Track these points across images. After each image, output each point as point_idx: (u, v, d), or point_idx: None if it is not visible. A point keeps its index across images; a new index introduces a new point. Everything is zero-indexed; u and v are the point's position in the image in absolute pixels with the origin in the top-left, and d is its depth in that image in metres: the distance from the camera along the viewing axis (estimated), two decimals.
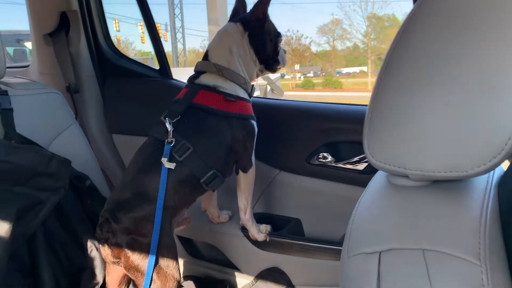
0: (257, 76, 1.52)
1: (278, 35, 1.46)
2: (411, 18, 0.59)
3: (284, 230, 1.59)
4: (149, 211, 1.21)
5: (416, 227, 0.54)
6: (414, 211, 0.57)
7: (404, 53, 0.58)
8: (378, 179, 0.73)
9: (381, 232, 0.56)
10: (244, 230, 1.57)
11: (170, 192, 1.23)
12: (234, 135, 1.34)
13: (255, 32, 1.40)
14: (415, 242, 0.51)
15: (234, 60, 1.39)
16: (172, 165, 1.22)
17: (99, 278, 1.39)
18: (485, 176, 0.64)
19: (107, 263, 1.32)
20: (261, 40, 1.43)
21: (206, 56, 1.42)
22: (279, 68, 1.51)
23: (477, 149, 0.51)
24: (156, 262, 1.19)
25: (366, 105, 1.59)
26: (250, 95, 1.44)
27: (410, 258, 0.49)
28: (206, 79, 1.36)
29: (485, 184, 0.62)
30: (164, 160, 1.22)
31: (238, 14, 1.49)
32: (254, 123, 1.40)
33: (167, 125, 1.26)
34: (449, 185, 0.61)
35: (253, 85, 1.46)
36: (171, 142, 1.24)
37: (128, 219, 1.20)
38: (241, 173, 1.44)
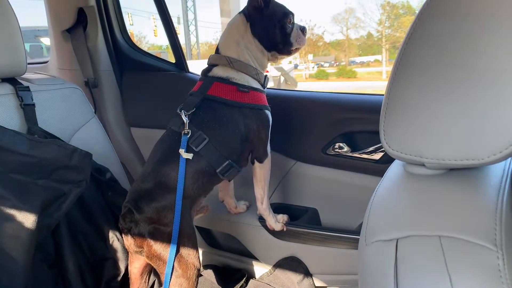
0: (274, 61, 1.52)
1: (284, 16, 1.41)
2: (426, 8, 0.59)
3: (301, 219, 1.60)
4: (170, 200, 1.24)
5: (433, 214, 0.55)
6: (431, 199, 0.58)
7: (420, 43, 0.59)
8: (394, 168, 0.73)
9: (398, 219, 0.57)
10: (261, 220, 1.59)
11: (189, 182, 1.27)
12: (248, 125, 1.36)
13: (255, 21, 1.40)
14: (431, 229, 0.52)
15: (243, 51, 1.40)
16: (189, 155, 1.25)
17: (121, 268, 1.43)
18: (501, 164, 0.65)
19: (130, 252, 1.36)
20: (264, 28, 1.41)
21: (217, 49, 1.44)
22: (297, 49, 1.46)
23: (493, 137, 0.52)
24: (177, 251, 1.22)
25: (381, 95, 1.59)
26: (263, 85, 1.44)
27: (427, 244, 0.50)
28: (219, 72, 1.39)
29: (502, 172, 0.62)
30: (181, 151, 1.25)
31: None
32: (268, 113, 1.42)
33: (183, 117, 1.29)
34: (465, 173, 0.62)
35: (266, 75, 1.46)
36: (187, 134, 1.28)
37: (150, 208, 1.23)
38: (256, 163, 1.46)
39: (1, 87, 1.36)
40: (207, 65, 1.45)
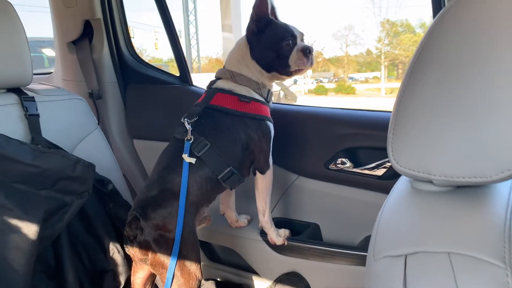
0: (280, 80, 1.52)
1: (282, 39, 1.38)
2: (435, 26, 0.60)
3: (303, 235, 1.60)
4: (175, 206, 1.25)
5: (442, 231, 0.55)
6: (439, 215, 0.58)
7: (429, 61, 0.59)
8: (401, 184, 0.73)
9: (406, 235, 0.57)
10: (263, 234, 1.58)
11: (193, 188, 1.30)
12: (249, 134, 1.39)
13: (253, 44, 1.44)
14: (441, 246, 0.52)
15: (244, 68, 1.44)
16: (192, 160, 1.29)
17: (121, 280, 1.42)
18: (508, 182, 0.65)
19: (134, 261, 1.35)
20: (260, 51, 1.42)
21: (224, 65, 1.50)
22: (298, 71, 1.42)
23: (501, 155, 0.52)
24: (180, 259, 1.22)
25: (385, 111, 1.60)
26: (266, 99, 1.47)
27: (436, 261, 0.50)
28: (222, 84, 1.45)
29: (509, 189, 0.63)
30: (185, 155, 1.28)
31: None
32: (270, 124, 1.44)
33: (186, 124, 1.34)
34: (473, 190, 0.62)
35: (269, 90, 1.49)
36: (190, 140, 1.31)
37: (156, 215, 1.25)
38: (258, 174, 1.47)
39: (6, 97, 1.36)
40: (214, 78, 1.50)
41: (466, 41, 0.56)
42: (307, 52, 1.39)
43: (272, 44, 1.40)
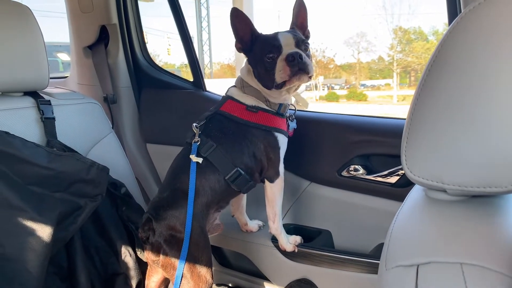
0: (289, 92, 1.42)
1: (265, 53, 1.32)
2: (449, 34, 0.59)
3: (314, 241, 1.59)
4: (186, 206, 1.27)
5: (454, 241, 0.54)
6: (452, 225, 0.58)
7: (443, 69, 0.59)
8: (415, 193, 0.73)
9: (419, 245, 0.57)
10: (274, 240, 1.58)
11: (203, 188, 1.33)
12: (255, 143, 1.40)
13: (249, 63, 1.44)
14: (453, 256, 0.51)
15: (252, 81, 1.44)
16: (199, 159, 1.32)
17: (133, 284, 1.42)
18: None
19: (149, 264, 1.37)
20: (256, 69, 1.39)
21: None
22: (286, 82, 1.30)
23: None
24: (190, 260, 1.23)
25: (398, 119, 1.59)
26: (277, 111, 1.42)
27: (448, 271, 0.50)
28: (234, 91, 1.48)
29: None
30: (192, 156, 1.33)
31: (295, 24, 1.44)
32: (279, 135, 1.41)
33: (194, 128, 1.39)
34: (487, 200, 0.62)
35: (281, 104, 1.44)
36: (197, 142, 1.35)
37: (167, 215, 1.28)
38: (267, 182, 1.47)
39: (23, 100, 1.38)
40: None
41: (481, 49, 0.55)
42: (290, 59, 1.26)
43: (259, 61, 1.35)
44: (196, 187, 1.29)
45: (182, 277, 1.22)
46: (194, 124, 1.39)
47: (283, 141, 1.43)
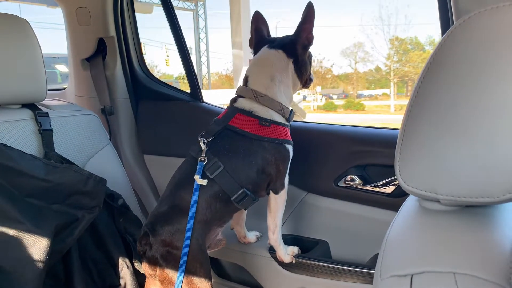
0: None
1: (311, 54, 1.51)
2: (443, 44, 0.60)
3: (312, 252, 1.59)
4: (183, 224, 1.25)
5: (448, 250, 0.55)
6: (446, 235, 0.58)
7: (436, 78, 0.60)
8: (410, 203, 0.73)
9: (413, 255, 0.57)
10: (271, 251, 1.58)
11: (202, 206, 1.28)
12: (266, 158, 1.36)
13: (299, 58, 1.45)
14: (446, 265, 0.51)
15: (274, 87, 1.42)
16: (204, 182, 1.28)
17: None
18: None
19: (147, 276, 1.36)
20: (305, 65, 1.49)
21: (246, 82, 1.46)
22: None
23: (508, 175, 0.52)
24: (189, 276, 1.22)
25: (394, 129, 1.60)
26: (288, 119, 1.45)
27: (442, 281, 0.50)
28: (243, 104, 1.41)
29: None
30: (196, 177, 1.27)
31: (262, 32, 1.52)
32: (289, 147, 1.42)
33: (201, 144, 1.33)
34: (481, 210, 0.62)
35: (292, 110, 1.47)
36: (203, 160, 1.30)
37: (164, 231, 1.26)
38: (272, 194, 1.46)
39: (21, 113, 1.39)
40: (235, 95, 1.48)
41: (473, 60, 0.56)
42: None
43: (309, 56, 1.51)
44: (197, 205, 1.27)
45: None
46: (202, 139, 1.34)
47: (291, 152, 1.43)
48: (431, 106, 0.60)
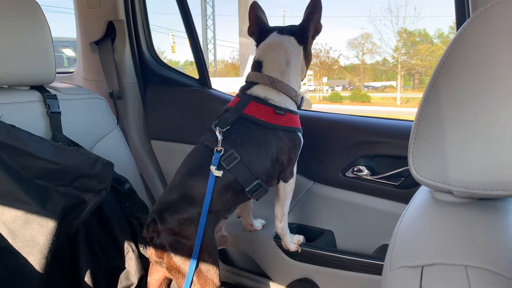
0: None
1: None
2: (459, 37, 0.59)
3: (317, 241, 1.59)
4: (193, 213, 1.24)
5: (460, 243, 0.54)
6: (458, 227, 0.58)
7: (452, 70, 0.59)
8: (421, 194, 0.73)
9: (424, 246, 0.57)
10: (277, 239, 1.58)
11: (213, 196, 1.26)
12: (280, 146, 1.36)
13: (308, 45, 1.48)
14: (458, 258, 0.51)
15: (289, 72, 1.41)
16: (219, 173, 1.25)
17: (134, 280, 1.42)
18: None
19: (151, 262, 1.36)
20: (311, 54, 1.52)
21: (259, 68, 1.43)
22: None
23: None
24: (197, 266, 1.21)
25: (404, 120, 1.59)
26: (299, 107, 1.45)
27: (453, 273, 0.50)
28: (258, 91, 1.39)
29: None
30: (213, 168, 1.25)
31: (262, 20, 1.52)
32: (301, 135, 1.42)
33: (217, 134, 1.29)
34: (493, 202, 0.61)
35: (302, 97, 1.47)
36: (220, 151, 1.27)
37: (173, 220, 1.24)
38: (281, 182, 1.46)
39: (30, 94, 1.39)
40: (245, 82, 1.46)
41: (491, 53, 0.55)
42: None
43: (309, 49, 1.52)
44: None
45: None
46: (218, 128, 1.31)
47: (302, 139, 1.43)
48: (447, 97, 0.59)
